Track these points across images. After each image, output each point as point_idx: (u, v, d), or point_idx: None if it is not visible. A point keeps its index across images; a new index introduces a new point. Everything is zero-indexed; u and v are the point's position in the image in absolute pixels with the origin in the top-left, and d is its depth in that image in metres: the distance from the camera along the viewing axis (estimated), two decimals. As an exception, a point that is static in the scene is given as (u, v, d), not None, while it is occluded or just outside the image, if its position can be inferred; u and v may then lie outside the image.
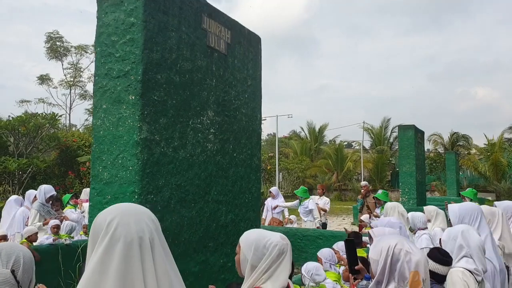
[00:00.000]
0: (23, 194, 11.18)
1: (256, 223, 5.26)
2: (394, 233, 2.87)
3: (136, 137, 3.64)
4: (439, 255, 2.75)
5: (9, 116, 15.56)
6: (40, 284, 1.78)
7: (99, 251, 1.22)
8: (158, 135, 3.81)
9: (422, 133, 16.52)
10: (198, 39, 4.29)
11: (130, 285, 1.20)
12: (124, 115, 3.70)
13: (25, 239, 5.63)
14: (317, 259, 4.63)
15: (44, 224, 6.38)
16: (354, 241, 2.70)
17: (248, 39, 5.23)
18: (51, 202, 6.76)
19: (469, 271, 2.65)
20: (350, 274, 2.43)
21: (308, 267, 4.04)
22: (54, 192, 6.92)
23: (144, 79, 3.68)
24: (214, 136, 4.54)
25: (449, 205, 3.74)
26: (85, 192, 7.95)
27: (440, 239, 3.27)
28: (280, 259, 2.03)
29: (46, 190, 6.83)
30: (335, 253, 4.61)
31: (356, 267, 2.45)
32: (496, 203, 4.65)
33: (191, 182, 4.18)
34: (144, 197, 3.64)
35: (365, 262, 2.69)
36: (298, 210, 9.49)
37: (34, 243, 5.74)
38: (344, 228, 7.63)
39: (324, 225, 9.83)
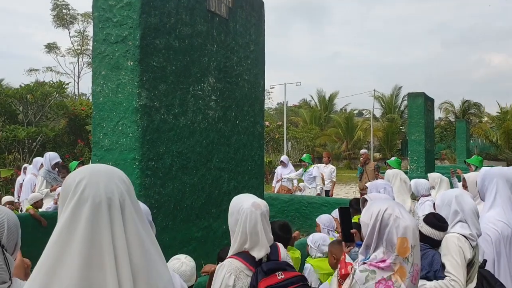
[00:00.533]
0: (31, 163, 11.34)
1: (259, 190, 5.27)
2: (388, 199, 2.85)
3: (136, 104, 3.61)
4: (435, 220, 2.73)
5: (20, 85, 15.60)
6: (25, 259, 1.78)
7: (67, 212, 1.19)
8: (158, 102, 3.78)
9: (432, 101, 16.28)
10: (198, 3, 4.19)
11: (98, 246, 1.17)
12: (123, 81, 3.67)
13: (31, 205, 5.72)
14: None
15: (51, 191, 6.48)
16: (349, 209, 2.65)
17: (251, 3, 5.10)
18: (57, 169, 6.85)
19: (464, 236, 2.63)
20: (343, 242, 2.42)
21: (315, 238, 4.03)
22: (59, 159, 6.99)
23: (142, 44, 3.62)
24: (216, 103, 4.50)
25: (483, 169, 3.63)
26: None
27: (433, 204, 3.26)
28: (252, 225, 2.06)
29: (51, 157, 6.90)
30: (334, 220, 4.62)
31: (351, 231, 2.44)
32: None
33: (192, 149, 4.18)
34: (145, 163, 3.65)
35: (360, 228, 2.68)
36: (303, 178, 9.51)
37: (40, 209, 5.84)
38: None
39: (327, 193, 9.83)
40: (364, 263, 1.94)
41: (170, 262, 2.71)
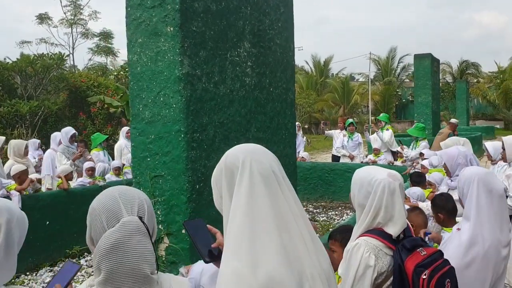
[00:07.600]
0: (37, 137, 11.09)
1: (292, 159, 5.13)
2: None
3: (178, 72, 3.39)
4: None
5: (4, 59, 14.76)
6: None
7: (244, 187, 1.32)
8: (199, 70, 3.56)
9: (438, 61, 16.07)
10: (233, -38, 3.90)
11: (279, 214, 1.30)
12: (163, 48, 3.43)
13: (62, 177, 5.56)
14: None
15: (73, 160, 6.43)
16: None
17: (280, -38, 4.79)
18: (76, 143, 6.78)
19: None
20: None
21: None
22: (74, 131, 7.03)
23: (182, 8, 3.37)
24: (251, 69, 4.28)
25: (504, 138, 3.52)
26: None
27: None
28: (390, 197, 1.88)
29: (66, 131, 6.96)
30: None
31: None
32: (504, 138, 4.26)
33: (232, 119, 3.99)
34: (190, 135, 3.46)
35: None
36: (345, 143, 9.25)
37: (71, 182, 5.76)
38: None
39: (337, 159, 9.56)
40: None
41: None
